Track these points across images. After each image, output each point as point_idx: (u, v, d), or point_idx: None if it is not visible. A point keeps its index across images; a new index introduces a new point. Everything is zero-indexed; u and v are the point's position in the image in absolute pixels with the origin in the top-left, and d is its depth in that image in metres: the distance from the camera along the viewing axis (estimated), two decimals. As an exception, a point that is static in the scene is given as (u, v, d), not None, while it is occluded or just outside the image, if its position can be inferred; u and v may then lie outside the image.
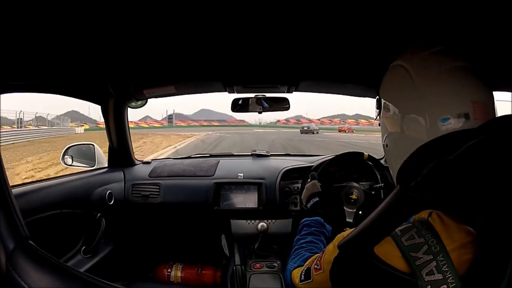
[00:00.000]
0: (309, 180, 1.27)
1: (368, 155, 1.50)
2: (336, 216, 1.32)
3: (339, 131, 35.04)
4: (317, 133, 28.74)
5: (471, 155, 0.48)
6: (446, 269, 0.50)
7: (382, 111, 0.73)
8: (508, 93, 1.04)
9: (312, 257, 0.75)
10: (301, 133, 28.00)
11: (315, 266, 0.69)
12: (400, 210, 0.54)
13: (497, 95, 0.70)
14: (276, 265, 1.49)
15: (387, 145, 0.72)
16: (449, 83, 0.58)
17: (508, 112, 0.59)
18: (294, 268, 0.79)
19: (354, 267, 0.59)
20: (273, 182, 1.67)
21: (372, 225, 0.57)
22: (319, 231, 0.95)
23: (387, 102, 0.70)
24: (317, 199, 1.12)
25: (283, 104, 1.65)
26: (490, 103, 0.58)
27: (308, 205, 1.13)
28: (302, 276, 0.73)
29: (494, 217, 0.48)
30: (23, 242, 0.61)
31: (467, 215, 0.51)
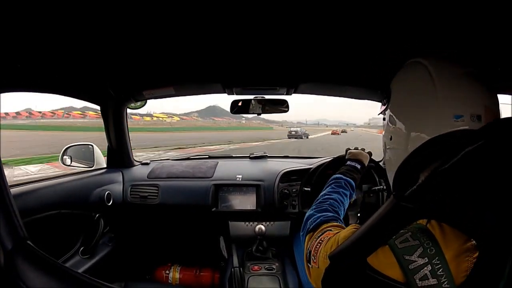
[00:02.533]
0: (364, 149, 1.23)
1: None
2: None
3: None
4: (307, 137, 27.26)
5: (469, 162, 0.47)
6: (442, 273, 0.48)
7: (390, 104, 0.73)
8: (507, 96, 1.05)
9: (320, 229, 0.73)
10: (289, 137, 26.53)
11: (313, 257, 0.67)
12: (394, 221, 0.53)
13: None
14: (274, 267, 1.49)
15: (391, 138, 0.72)
16: (466, 86, 0.61)
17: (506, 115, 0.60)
18: (309, 231, 0.76)
19: (346, 278, 0.58)
20: (271, 184, 1.67)
21: (366, 235, 0.56)
22: (345, 194, 0.92)
23: (399, 98, 0.71)
24: (358, 166, 1.07)
25: (282, 106, 1.65)
26: (498, 110, 0.62)
27: (348, 162, 1.09)
28: (307, 255, 0.71)
29: (502, 214, 0.47)
30: (21, 242, 0.61)
31: (471, 215, 0.49)
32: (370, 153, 1.23)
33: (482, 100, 0.60)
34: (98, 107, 1.62)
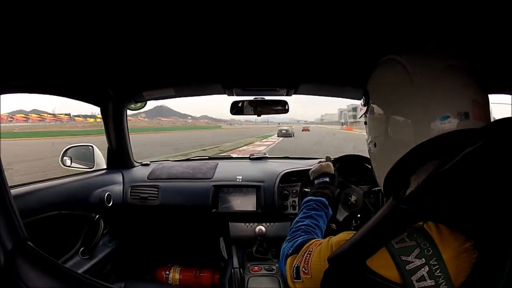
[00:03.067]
0: (324, 160, 1.21)
1: (355, 155, 1.50)
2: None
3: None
4: (294, 135, 28.22)
5: (469, 163, 0.47)
6: (439, 274, 0.48)
7: (370, 108, 0.69)
8: (506, 96, 1.05)
9: (303, 249, 0.72)
10: (278, 136, 27.25)
11: (303, 269, 0.66)
12: (393, 223, 0.53)
13: (494, 97, 0.70)
14: (274, 267, 1.49)
15: (375, 145, 0.68)
16: (449, 81, 0.56)
17: (506, 115, 0.59)
18: (289, 255, 0.75)
19: (346, 280, 0.57)
20: (271, 185, 1.67)
21: (365, 238, 0.55)
22: (318, 215, 0.89)
23: (378, 99, 0.67)
24: (327, 179, 1.06)
25: (281, 107, 1.65)
26: (487, 104, 0.58)
27: (315, 181, 1.08)
28: (294, 273, 0.69)
29: (501, 214, 0.47)
30: (21, 242, 0.61)
31: (470, 215, 0.49)
32: (328, 158, 1.22)
33: (468, 94, 0.55)
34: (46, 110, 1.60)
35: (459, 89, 0.56)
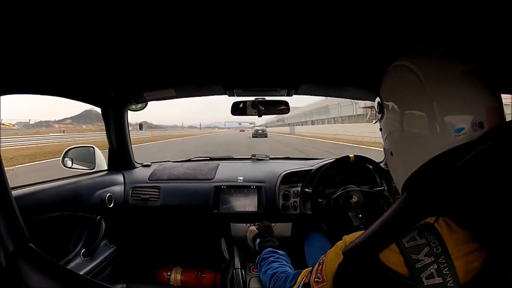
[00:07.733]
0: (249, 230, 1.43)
1: (355, 156, 1.49)
2: (341, 225, 1.32)
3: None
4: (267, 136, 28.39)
5: (480, 160, 0.48)
6: (447, 272, 0.49)
7: (385, 115, 0.69)
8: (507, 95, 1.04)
9: (305, 271, 0.73)
10: (253, 136, 26.83)
11: (316, 279, 0.65)
12: (407, 216, 0.54)
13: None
14: None
15: (391, 153, 0.68)
16: (462, 89, 0.54)
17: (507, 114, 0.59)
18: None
19: (359, 273, 0.58)
20: (273, 185, 1.66)
21: (379, 231, 0.56)
22: (276, 258, 1.05)
23: (393, 107, 0.66)
24: (258, 239, 1.28)
25: (282, 107, 1.65)
26: (501, 108, 0.56)
27: (257, 247, 1.26)
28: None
29: (509, 214, 0.47)
30: (23, 244, 0.61)
31: (480, 214, 0.50)
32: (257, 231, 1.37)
33: (482, 102, 0.54)
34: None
35: (473, 97, 0.54)
